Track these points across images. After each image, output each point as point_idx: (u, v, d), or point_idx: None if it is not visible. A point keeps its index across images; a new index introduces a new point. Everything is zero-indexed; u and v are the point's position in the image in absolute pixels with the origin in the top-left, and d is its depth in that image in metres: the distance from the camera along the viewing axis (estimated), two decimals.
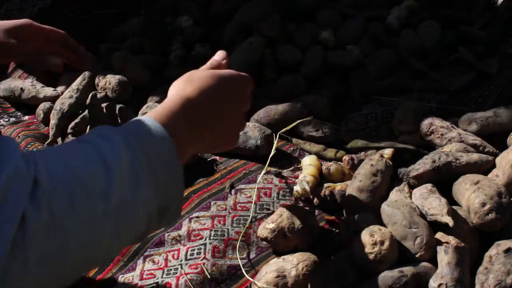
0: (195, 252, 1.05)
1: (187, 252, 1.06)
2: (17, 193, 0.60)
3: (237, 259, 1.04)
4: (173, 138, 0.73)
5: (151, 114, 0.76)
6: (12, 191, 0.60)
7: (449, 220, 0.95)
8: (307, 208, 1.09)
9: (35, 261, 0.61)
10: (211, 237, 1.07)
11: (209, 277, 1.01)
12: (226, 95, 0.86)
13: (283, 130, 1.23)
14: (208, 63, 0.93)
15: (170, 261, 1.05)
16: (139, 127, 0.73)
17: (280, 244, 1.03)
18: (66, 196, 0.63)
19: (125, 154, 0.69)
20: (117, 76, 1.39)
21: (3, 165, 0.60)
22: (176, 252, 1.06)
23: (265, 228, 1.03)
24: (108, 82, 1.39)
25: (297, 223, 1.03)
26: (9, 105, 1.50)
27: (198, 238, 1.08)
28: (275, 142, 1.20)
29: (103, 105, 1.32)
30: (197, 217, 1.11)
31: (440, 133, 1.16)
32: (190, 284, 1.00)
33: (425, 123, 1.18)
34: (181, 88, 0.83)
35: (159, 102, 1.31)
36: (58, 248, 0.62)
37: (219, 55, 0.96)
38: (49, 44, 1.17)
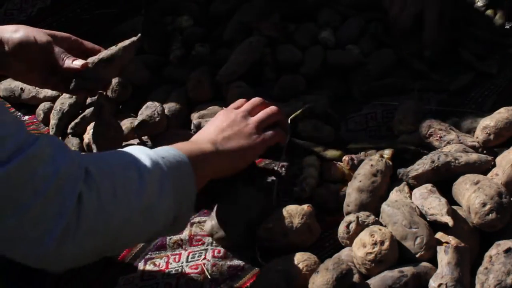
0: (196, 255, 1.06)
1: (188, 256, 1.06)
2: (75, 177, 0.78)
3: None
4: (191, 163, 0.94)
5: (177, 146, 0.98)
6: (71, 175, 0.78)
7: (448, 220, 0.95)
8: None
9: (85, 231, 0.78)
10: (213, 243, 1.07)
11: (209, 277, 1.01)
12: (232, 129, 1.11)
13: (293, 116, 1.23)
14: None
15: (171, 264, 1.05)
16: (167, 152, 0.92)
17: (279, 242, 1.02)
18: (110, 187, 0.81)
19: (156, 170, 0.87)
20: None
21: (62, 155, 0.78)
22: (177, 256, 1.06)
23: (264, 228, 1.03)
24: None
25: (296, 222, 1.03)
26: (9, 105, 1.50)
27: (199, 243, 1.08)
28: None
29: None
30: (199, 222, 1.11)
31: (438, 135, 1.16)
32: (206, 272, 1.02)
33: (424, 125, 1.18)
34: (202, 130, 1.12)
35: (159, 102, 1.31)
36: (102, 223, 0.80)
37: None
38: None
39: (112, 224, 0.82)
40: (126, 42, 1.18)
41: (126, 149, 0.91)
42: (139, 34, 1.18)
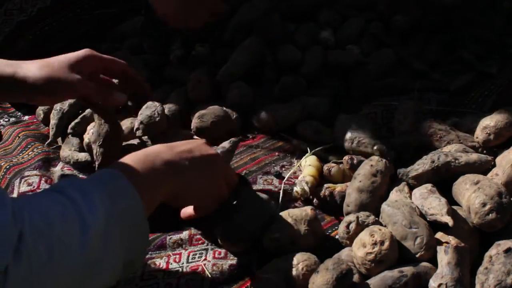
0: (197, 256, 1.05)
1: (188, 256, 1.06)
2: (3, 250, 0.68)
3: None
4: (138, 190, 0.84)
5: (119, 167, 0.87)
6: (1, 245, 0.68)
7: (448, 220, 0.95)
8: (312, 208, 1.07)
9: None
10: (213, 243, 1.07)
11: (210, 276, 1.01)
12: (190, 152, 0.98)
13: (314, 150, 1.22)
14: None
15: (171, 264, 1.05)
16: (114, 185, 0.83)
17: (288, 249, 1.02)
18: (45, 251, 0.72)
19: (100, 213, 0.78)
20: None
21: None
22: (177, 256, 1.06)
23: (271, 238, 1.03)
24: None
25: (303, 228, 1.03)
26: (9, 105, 1.50)
27: (200, 242, 1.08)
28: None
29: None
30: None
31: (438, 135, 1.16)
32: (206, 272, 1.01)
33: (424, 125, 1.18)
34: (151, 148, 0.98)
35: (159, 102, 1.31)
36: None
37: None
38: (107, 74, 1.18)
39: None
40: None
41: (65, 184, 0.82)
42: None
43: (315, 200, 1.12)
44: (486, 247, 0.96)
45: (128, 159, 0.90)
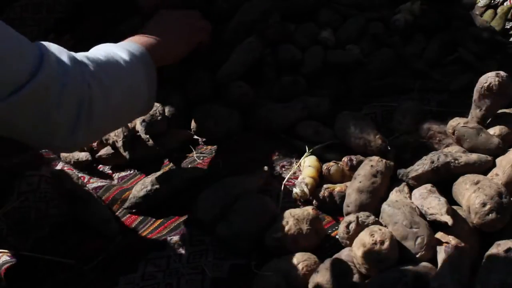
0: (197, 256, 1.06)
1: (189, 256, 1.06)
2: (82, 74, 0.96)
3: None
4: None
5: (132, 39, 1.15)
6: (80, 67, 0.97)
7: (448, 219, 0.95)
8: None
9: (99, 112, 0.98)
10: (213, 243, 1.07)
11: (210, 276, 1.01)
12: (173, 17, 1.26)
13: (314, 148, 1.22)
14: None
15: (171, 264, 1.05)
16: (131, 46, 1.11)
17: (289, 249, 1.02)
18: (106, 74, 1.01)
19: (132, 57, 1.07)
20: None
21: (65, 60, 0.95)
22: (178, 256, 1.06)
23: (273, 238, 1.03)
24: None
25: (305, 228, 1.03)
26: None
27: (200, 243, 1.08)
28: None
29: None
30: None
31: (438, 138, 1.16)
32: (207, 272, 1.02)
33: (424, 127, 1.18)
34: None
35: (159, 102, 1.31)
36: (107, 102, 1.00)
37: None
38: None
39: (112, 102, 1.01)
40: None
41: (103, 45, 1.09)
42: None
43: (314, 201, 1.12)
44: (486, 247, 0.96)
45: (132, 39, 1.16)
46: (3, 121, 0.90)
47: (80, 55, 1.00)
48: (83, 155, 1.27)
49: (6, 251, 1.09)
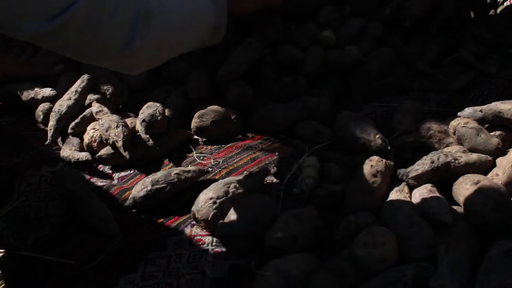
0: (197, 256, 1.06)
1: (189, 256, 1.06)
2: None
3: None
4: None
5: None
6: None
7: (448, 219, 0.95)
8: None
9: (157, 25, 0.97)
10: (213, 243, 1.07)
11: (210, 276, 1.01)
12: None
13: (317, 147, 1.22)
14: None
15: (171, 264, 1.05)
16: None
17: (290, 249, 1.02)
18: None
19: None
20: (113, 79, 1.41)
21: None
22: (178, 256, 1.06)
23: (273, 238, 1.03)
24: (106, 84, 1.40)
25: (305, 228, 1.03)
26: (9, 106, 1.50)
27: (200, 243, 1.08)
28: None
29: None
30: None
31: (438, 138, 1.16)
32: (207, 272, 1.01)
33: (424, 127, 1.18)
34: None
35: (159, 102, 1.32)
36: (167, 18, 0.99)
37: None
38: None
39: (172, 18, 1.01)
40: None
41: None
42: None
43: (314, 201, 1.12)
44: (486, 247, 0.96)
45: None
46: (59, 38, 0.90)
47: None
48: (83, 155, 1.27)
49: (6, 251, 1.09)
